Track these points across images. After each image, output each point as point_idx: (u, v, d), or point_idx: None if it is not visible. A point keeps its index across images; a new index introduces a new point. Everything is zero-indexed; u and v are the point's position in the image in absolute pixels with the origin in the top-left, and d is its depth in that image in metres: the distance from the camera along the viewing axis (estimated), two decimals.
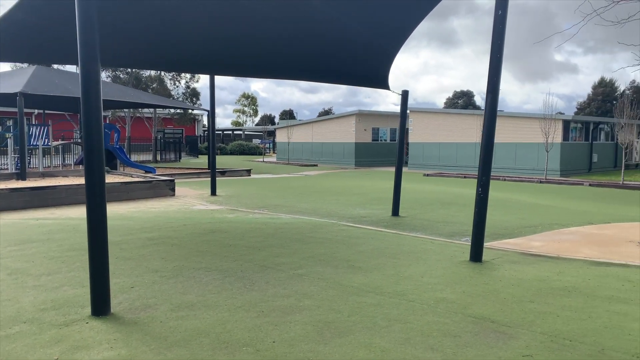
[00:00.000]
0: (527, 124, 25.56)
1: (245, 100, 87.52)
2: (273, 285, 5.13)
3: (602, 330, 3.86)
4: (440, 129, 29.57)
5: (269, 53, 8.69)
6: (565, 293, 4.86)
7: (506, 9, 6.00)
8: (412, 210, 11.31)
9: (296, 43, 8.19)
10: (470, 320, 4.11)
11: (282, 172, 27.40)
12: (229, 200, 13.39)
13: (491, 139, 6.31)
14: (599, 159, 27.67)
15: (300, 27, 7.57)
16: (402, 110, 10.99)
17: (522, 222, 9.79)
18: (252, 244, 7.26)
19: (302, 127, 38.47)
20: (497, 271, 5.80)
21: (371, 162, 33.71)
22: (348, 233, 8.28)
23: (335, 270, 5.77)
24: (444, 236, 8.32)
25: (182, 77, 37.31)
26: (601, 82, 58.84)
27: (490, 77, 6.18)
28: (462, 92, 72.87)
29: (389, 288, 5.03)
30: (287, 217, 10.16)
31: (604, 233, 8.45)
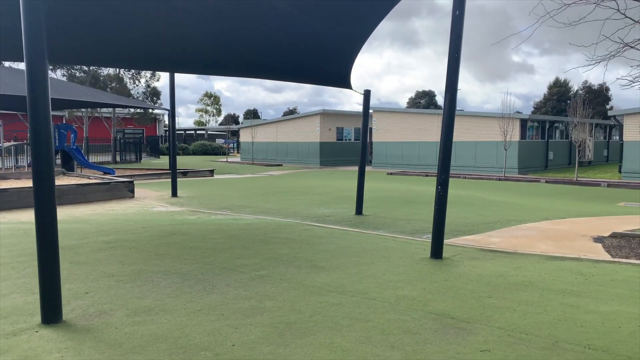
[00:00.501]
0: (486, 123, 26.21)
1: (208, 99, 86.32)
2: (234, 288, 5.05)
3: (556, 323, 3.96)
4: (403, 128, 29.97)
5: (231, 51, 8.57)
6: (522, 288, 4.98)
7: (463, 9, 6.10)
8: (376, 209, 11.39)
9: (258, 41, 8.10)
10: (430, 317, 4.15)
11: (246, 172, 27.16)
12: (190, 201, 13.14)
13: (450, 137, 6.40)
14: (554, 157, 28.66)
15: (262, 25, 7.49)
16: (365, 109, 11.05)
17: (482, 218, 10.00)
18: (214, 246, 7.13)
19: (267, 127, 38.24)
20: (457, 267, 5.89)
21: (336, 161, 33.84)
22: (311, 233, 8.25)
23: (298, 270, 5.73)
24: (406, 234, 8.41)
25: (142, 76, 36.45)
26: (556, 82, 60.99)
27: (449, 76, 6.27)
28: (424, 92, 74.11)
29: (351, 287, 5.03)
30: (250, 218, 10.05)
31: (558, 228, 8.73)
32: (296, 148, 35.34)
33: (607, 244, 7.24)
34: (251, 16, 7.17)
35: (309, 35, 7.99)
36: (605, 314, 4.14)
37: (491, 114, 26.39)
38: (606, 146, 34.53)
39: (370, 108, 34.41)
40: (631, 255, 6.53)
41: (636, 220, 9.65)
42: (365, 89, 10.80)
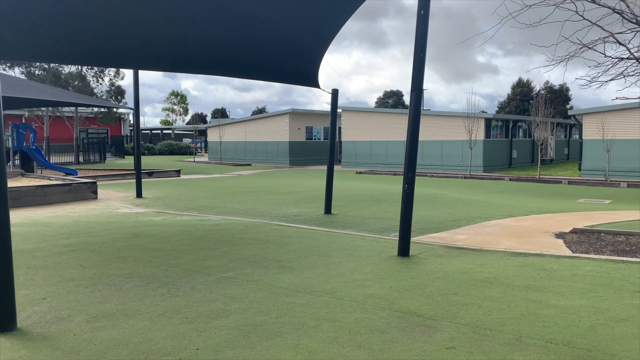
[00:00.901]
0: (452, 122, 26.66)
1: (175, 98, 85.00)
2: (199, 290, 4.94)
3: (520, 318, 4.03)
4: (371, 127, 30.17)
5: (198, 48, 8.41)
6: (486, 284, 5.05)
7: (428, 9, 6.15)
8: (344, 208, 11.41)
9: (225, 38, 7.97)
10: (397, 315, 4.16)
11: (214, 172, 26.81)
12: (155, 202, 12.86)
13: (416, 136, 6.45)
14: (518, 155, 29.39)
15: (229, 23, 7.38)
16: (333, 108, 11.04)
17: (448, 216, 10.14)
18: (179, 248, 6.98)
19: (235, 126, 37.87)
20: (423, 265, 5.94)
21: (305, 160, 33.81)
22: (280, 233, 8.19)
23: (265, 271, 5.66)
24: (374, 232, 8.44)
25: (105, 74, 35.51)
26: (519, 83, 62.58)
27: (414, 75, 6.32)
28: (392, 92, 74.86)
29: (318, 287, 5.00)
30: (218, 219, 9.90)
31: (522, 225, 8.93)
32: (265, 147, 35.13)
33: (568, 240, 7.44)
34: (218, 13, 7.05)
35: (276, 33, 7.92)
36: (566, 308, 4.24)
37: (457, 114, 26.86)
38: (567, 145, 35.64)
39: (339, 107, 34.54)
40: (590, 250, 6.72)
41: (595, 216, 9.97)
42: (333, 88, 10.80)
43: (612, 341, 3.53)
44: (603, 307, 4.25)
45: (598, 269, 5.59)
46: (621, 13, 6.34)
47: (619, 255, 6.37)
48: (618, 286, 4.87)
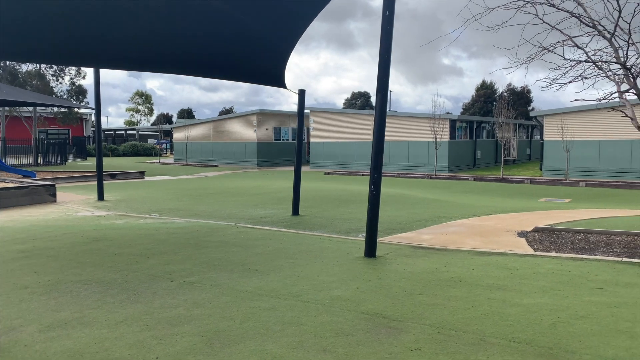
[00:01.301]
0: (418, 123, 27.00)
1: (140, 98, 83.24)
2: (161, 296, 4.79)
3: (484, 318, 4.06)
4: (339, 128, 30.25)
5: (161, 46, 8.20)
6: (451, 284, 5.09)
7: (393, 10, 6.16)
8: (312, 209, 11.36)
9: (190, 38, 7.81)
10: (363, 317, 4.13)
11: (180, 173, 26.34)
12: (118, 205, 12.50)
13: (382, 137, 6.45)
14: (482, 156, 30.01)
15: (194, 22, 7.22)
16: (300, 109, 10.98)
17: (414, 216, 10.23)
18: (141, 252, 6.78)
19: (201, 127, 37.31)
20: (390, 265, 5.94)
21: (274, 161, 33.60)
22: (246, 235, 8.06)
23: (230, 275, 5.55)
24: (341, 233, 8.42)
25: (66, 73, 34.40)
26: (483, 85, 64.01)
27: (380, 76, 6.32)
28: (359, 93, 75.36)
29: (284, 290, 4.92)
30: (182, 221, 9.68)
31: (486, 224, 9.08)
32: (232, 148, 34.74)
33: (530, 239, 7.60)
34: (181, 11, 6.89)
35: (242, 32, 7.80)
36: (528, 307, 4.30)
37: (423, 115, 27.21)
38: (529, 145, 36.63)
39: (307, 108, 34.31)
40: (551, 248, 6.88)
41: (556, 215, 10.24)
42: (299, 89, 10.73)
43: (573, 338, 3.59)
44: (563, 305, 4.33)
45: (558, 267, 5.71)
46: (579, 17, 6.52)
47: (578, 253, 6.54)
48: (577, 284, 4.98)
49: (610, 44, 6.47)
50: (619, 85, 6.65)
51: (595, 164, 22.02)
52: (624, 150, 21.17)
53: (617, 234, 7.64)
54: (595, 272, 5.39)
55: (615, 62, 6.52)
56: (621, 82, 6.63)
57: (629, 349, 3.40)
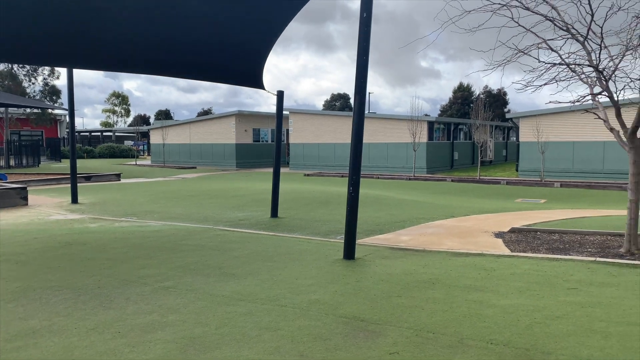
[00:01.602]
0: (397, 125, 27.17)
1: (116, 99, 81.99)
2: (134, 302, 4.67)
3: (462, 319, 4.06)
4: (319, 130, 30.25)
5: (137, 46, 8.05)
6: (429, 285, 5.08)
7: (370, 11, 6.15)
8: (291, 211, 11.30)
9: (168, 38, 7.68)
10: (341, 321, 4.09)
11: (157, 175, 25.96)
12: (92, 208, 12.23)
13: (360, 138, 6.43)
14: (459, 157, 30.36)
15: (171, 21, 7.10)
16: (278, 110, 10.91)
17: (393, 217, 10.25)
18: (115, 256, 6.62)
19: (179, 128, 36.88)
20: (368, 267, 5.92)
21: (253, 163, 33.40)
22: (223, 238, 7.95)
23: (206, 279, 5.45)
24: (320, 235, 8.38)
25: (39, 73, 33.64)
26: (460, 87, 64.78)
27: (358, 78, 6.30)
28: (339, 95, 75.51)
29: (262, 294, 4.85)
30: (158, 225, 9.51)
31: (463, 225, 9.15)
32: (211, 150, 34.41)
33: (507, 239, 7.67)
34: (159, 12, 6.77)
35: (219, 34, 7.71)
36: (505, 308, 4.32)
37: (401, 117, 27.39)
38: (505, 146, 37.20)
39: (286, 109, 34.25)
40: (527, 249, 6.95)
41: (532, 215, 10.38)
42: (278, 90, 10.67)
43: (549, 339, 3.61)
44: (540, 305, 4.36)
45: (535, 267, 5.76)
46: (553, 20, 6.60)
47: (554, 253, 6.62)
48: (553, 284, 5.03)
49: (583, 47, 6.57)
50: (592, 88, 6.76)
51: (569, 165, 22.46)
52: (597, 151, 21.65)
53: (590, 234, 7.76)
54: (571, 272, 5.45)
55: (588, 65, 6.62)
56: (594, 84, 6.74)
57: (604, 349, 3.43)
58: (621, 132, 6.63)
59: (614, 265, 5.75)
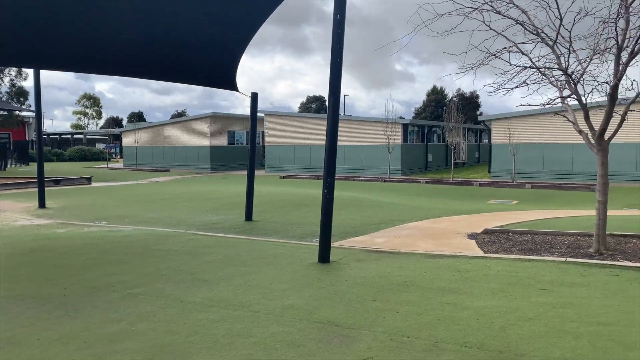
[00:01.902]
0: (372, 127, 27.30)
1: (87, 101, 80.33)
2: (102, 310, 4.52)
3: (436, 322, 4.05)
4: (295, 132, 30.17)
5: (106, 47, 7.85)
6: (404, 288, 5.07)
7: (344, 14, 6.13)
8: (267, 214, 11.19)
9: (137, 37, 7.50)
10: (315, 326, 4.03)
11: (129, 178, 25.46)
12: (61, 212, 11.88)
13: (334, 140, 6.40)
14: (433, 159, 30.68)
15: (143, 21, 6.95)
16: (252, 112, 10.80)
17: (368, 219, 10.25)
18: (83, 263, 6.42)
19: (152, 130, 36.28)
20: (343, 271, 5.88)
21: (228, 166, 33.08)
22: (196, 242, 7.81)
23: (178, 285, 5.32)
24: (295, 238, 8.31)
25: (5, 74, 32.62)
26: (433, 90, 65.60)
27: (332, 80, 6.27)
28: (314, 97, 75.60)
29: (234, 300, 4.76)
30: (129, 229, 9.29)
31: (437, 227, 9.21)
32: (185, 153, 33.95)
33: (480, 240, 7.74)
34: (127, 9, 6.60)
35: (192, 35, 7.58)
36: (479, 310, 4.33)
37: (376, 119, 27.54)
38: (477, 148, 37.78)
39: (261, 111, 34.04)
40: (500, 250, 7.02)
41: (504, 216, 10.52)
42: (252, 92, 10.57)
43: (522, 341, 3.62)
44: (513, 307, 4.38)
45: (508, 268, 5.81)
46: (523, 24, 6.70)
47: (526, 254, 6.71)
48: (526, 285, 5.08)
49: (553, 51, 6.69)
50: (561, 91, 6.88)
51: (540, 166, 22.92)
52: (566, 153, 22.16)
53: (561, 234, 7.90)
54: (542, 273, 5.52)
55: (558, 69, 6.74)
56: (563, 88, 6.86)
57: (575, 349, 3.46)
58: (589, 134, 6.76)
59: (584, 265, 5.85)
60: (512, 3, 6.66)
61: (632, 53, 6.18)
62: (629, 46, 6.19)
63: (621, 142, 17.98)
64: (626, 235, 7.53)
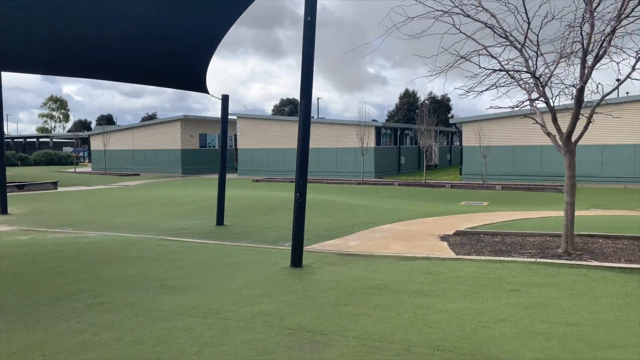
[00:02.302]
0: (345, 130, 27.36)
1: (54, 103, 78.24)
2: (64, 320, 4.33)
3: (408, 326, 4.02)
4: (268, 135, 29.99)
5: (73, 49, 7.62)
6: (377, 291, 5.03)
7: (315, 15, 6.08)
8: (239, 218, 11.04)
9: (105, 41, 7.30)
10: (286, 332, 3.94)
11: (98, 183, 24.85)
12: (23, 219, 11.47)
13: (306, 143, 6.34)
14: (406, 161, 30.96)
15: (108, 24, 6.75)
16: (223, 115, 10.64)
17: (342, 222, 10.21)
18: (45, 271, 6.17)
19: (122, 133, 35.53)
20: (316, 275, 5.81)
21: (199, 169, 32.63)
22: (166, 248, 7.62)
23: (145, 293, 5.15)
24: (267, 243, 8.21)
25: None
26: (406, 93, 66.30)
27: (303, 82, 6.21)
28: (288, 100, 75.43)
29: (204, 307, 4.63)
30: (96, 235, 9.01)
31: (410, 229, 9.23)
32: (155, 156, 33.34)
33: (452, 242, 7.78)
34: (93, 10, 6.40)
35: (161, 37, 7.43)
36: (451, 312, 4.32)
37: (350, 122, 27.63)
38: (449, 151, 38.30)
39: (233, 114, 33.64)
40: (472, 251, 7.07)
41: (475, 217, 10.64)
42: (223, 94, 10.42)
43: (493, 343, 3.62)
44: (484, 309, 4.39)
45: (479, 269, 5.85)
46: (492, 28, 6.78)
47: (497, 255, 6.76)
48: (497, 286, 5.11)
49: (521, 54, 6.78)
50: (530, 94, 6.99)
51: (510, 168, 23.35)
52: (535, 155, 22.64)
53: (531, 235, 8.02)
54: (513, 274, 5.56)
55: (526, 72, 6.84)
56: (532, 90, 6.97)
57: (545, 350, 3.47)
58: (557, 136, 6.88)
59: (553, 265, 5.93)
60: (481, 6, 6.73)
61: (597, 57, 6.31)
62: (594, 50, 6.32)
63: (587, 144, 18.47)
64: (593, 235, 7.69)
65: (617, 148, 20.83)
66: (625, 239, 7.47)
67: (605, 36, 6.18)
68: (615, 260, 6.20)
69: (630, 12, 5.94)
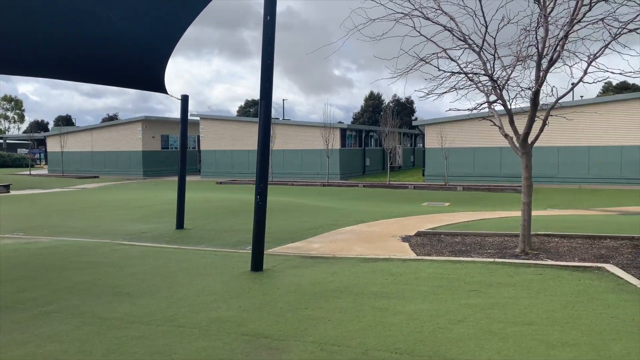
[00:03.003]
0: (311, 132, 27.33)
1: (8, 103, 75.09)
2: (7, 332, 4.09)
3: (367, 329, 3.98)
4: (232, 136, 29.63)
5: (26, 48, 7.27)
6: (337, 294, 4.98)
7: (274, 15, 5.99)
8: (199, 221, 10.81)
9: (58, 36, 6.99)
10: (243, 339, 3.84)
11: (54, 186, 23.96)
12: None
13: (267, 145, 6.24)
14: (371, 163, 31.20)
15: (66, 22, 6.47)
16: (183, 116, 10.42)
17: (305, 224, 10.14)
18: None
19: (80, 135, 34.43)
20: (276, 279, 5.72)
21: (161, 171, 31.95)
22: (121, 253, 7.36)
23: (97, 300, 4.94)
24: (228, 246, 8.05)
25: None
26: (371, 96, 66.96)
27: (263, 83, 6.11)
28: (253, 101, 74.86)
29: (158, 314, 4.47)
30: (48, 241, 8.64)
31: (373, 230, 9.25)
32: (115, 158, 32.45)
33: (413, 243, 7.83)
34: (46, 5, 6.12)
35: (117, 36, 7.18)
36: (410, 314, 4.31)
37: (315, 124, 27.62)
38: (412, 153, 38.85)
39: (196, 115, 33.11)
40: (432, 252, 7.12)
41: (437, 218, 10.77)
42: (182, 94, 10.21)
43: (451, 344, 3.62)
44: (443, 310, 4.40)
45: (439, 270, 5.88)
46: (451, 31, 6.86)
47: (456, 255, 6.84)
48: (455, 287, 5.14)
49: (479, 57, 6.89)
50: (488, 96, 7.10)
51: (470, 169, 23.85)
52: (495, 156, 23.20)
53: (490, 235, 8.15)
54: (472, 274, 5.62)
55: (484, 74, 6.94)
56: (490, 93, 7.08)
57: (501, 351, 3.50)
58: (514, 138, 7.01)
59: (511, 265, 6.03)
60: (440, 9, 6.80)
61: (551, 60, 6.47)
62: (548, 54, 6.48)
63: (544, 145, 19.05)
64: (549, 235, 7.89)
65: (572, 150, 21.59)
66: (579, 238, 7.69)
67: (559, 40, 6.35)
68: (569, 259, 6.36)
69: (581, 18, 6.12)
